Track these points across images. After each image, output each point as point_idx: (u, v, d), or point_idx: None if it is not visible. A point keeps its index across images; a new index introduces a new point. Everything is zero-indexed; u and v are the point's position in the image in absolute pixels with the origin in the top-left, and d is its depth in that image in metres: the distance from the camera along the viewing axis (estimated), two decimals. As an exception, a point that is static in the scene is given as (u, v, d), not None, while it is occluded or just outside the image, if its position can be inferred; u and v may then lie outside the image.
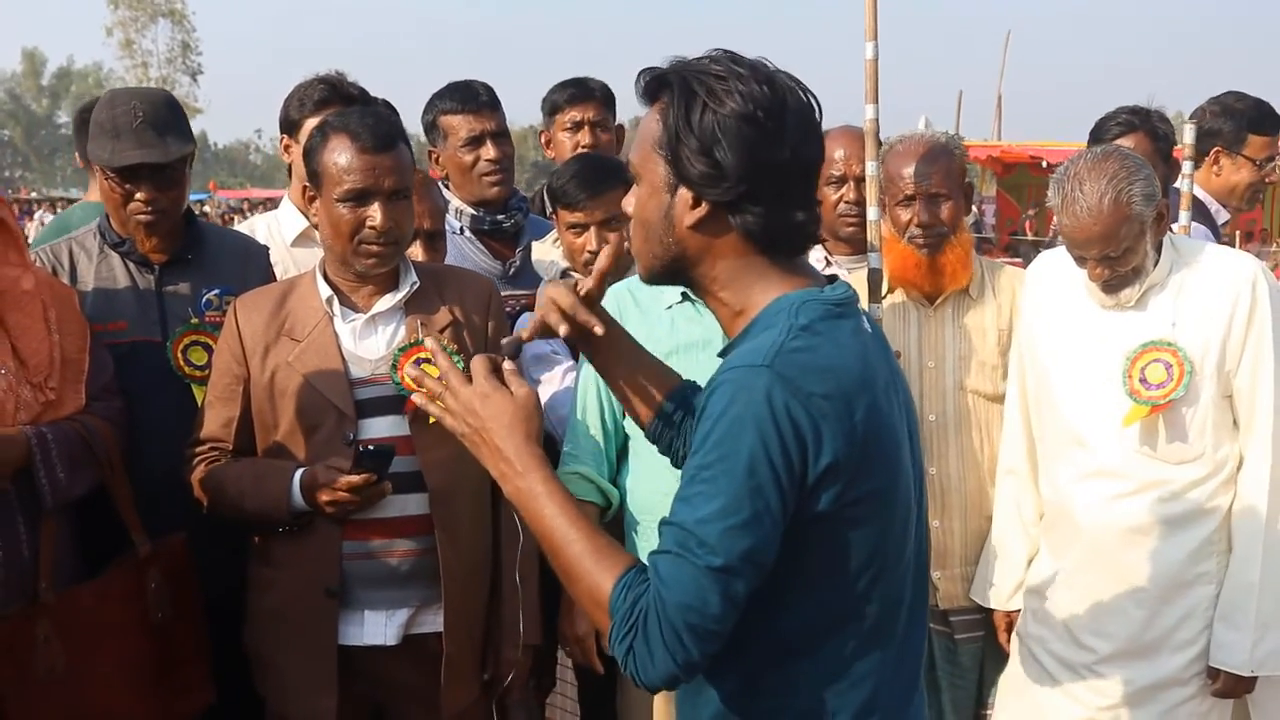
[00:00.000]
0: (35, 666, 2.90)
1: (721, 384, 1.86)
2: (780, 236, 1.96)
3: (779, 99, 1.90)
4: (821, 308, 1.92)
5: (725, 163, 1.88)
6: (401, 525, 3.03)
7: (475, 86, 4.19)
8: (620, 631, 1.84)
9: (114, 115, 3.32)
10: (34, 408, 3.03)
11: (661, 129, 1.94)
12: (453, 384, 2.09)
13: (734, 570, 1.79)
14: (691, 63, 1.95)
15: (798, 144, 1.91)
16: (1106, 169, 3.14)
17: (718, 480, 1.81)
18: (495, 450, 2.02)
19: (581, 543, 1.91)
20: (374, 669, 3.07)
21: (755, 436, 1.79)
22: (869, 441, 1.86)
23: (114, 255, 3.43)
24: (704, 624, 1.80)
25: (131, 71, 66.38)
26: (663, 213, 1.98)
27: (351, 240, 3.01)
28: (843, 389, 1.84)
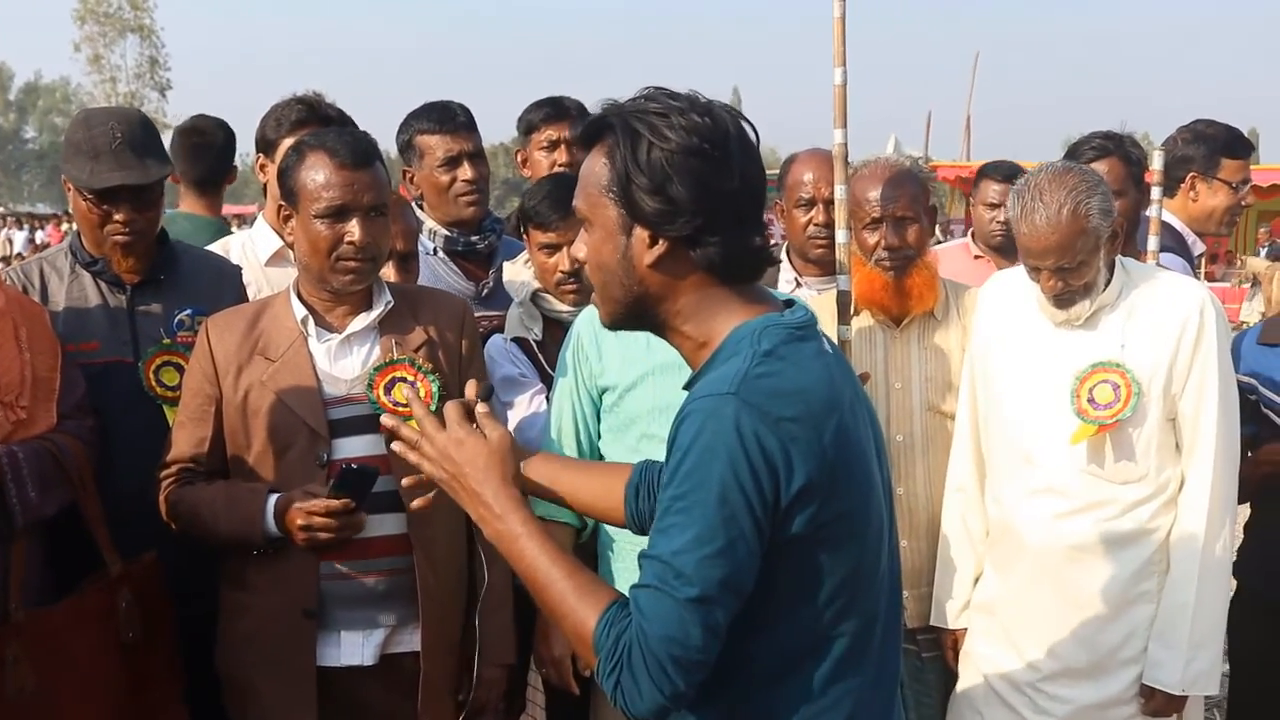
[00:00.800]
0: (5, 686, 2.88)
1: (690, 414, 1.87)
2: (740, 264, 1.98)
3: (721, 128, 1.92)
4: (783, 332, 1.93)
5: (678, 197, 1.89)
6: (379, 545, 3.03)
7: (453, 107, 4.19)
8: (606, 667, 1.85)
9: (91, 136, 3.31)
10: (4, 427, 3.02)
11: (609, 171, 1.95)
12: (428, 430, 2.13)
13: (712, 600, 1.81)
14: (628, 104, 1.97)
15: (744, 170, 1.93)
16: (1066, 181, 3.19)
17: (691, 510, 1.82)
18: (473, 494, 2.07)
19: (564, 581, 1.94)
20: (350, 689, 3.06)
21: (725, 465, 1.81)
22: (839, 462, 1.88)
23: (86, 275, 3.42)
24: (687, 655, 1.82)
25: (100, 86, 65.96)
26: (619, 255, 1.98)
27: (329, 256, 3.00)
28: (810, 411, 1.86)
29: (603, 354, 3.29)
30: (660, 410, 3.13)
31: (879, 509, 2.01)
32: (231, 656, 3.12)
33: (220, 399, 3.08)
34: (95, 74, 66.69)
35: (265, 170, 4.07)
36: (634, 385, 3.21)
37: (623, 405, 3.25)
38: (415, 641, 3.07)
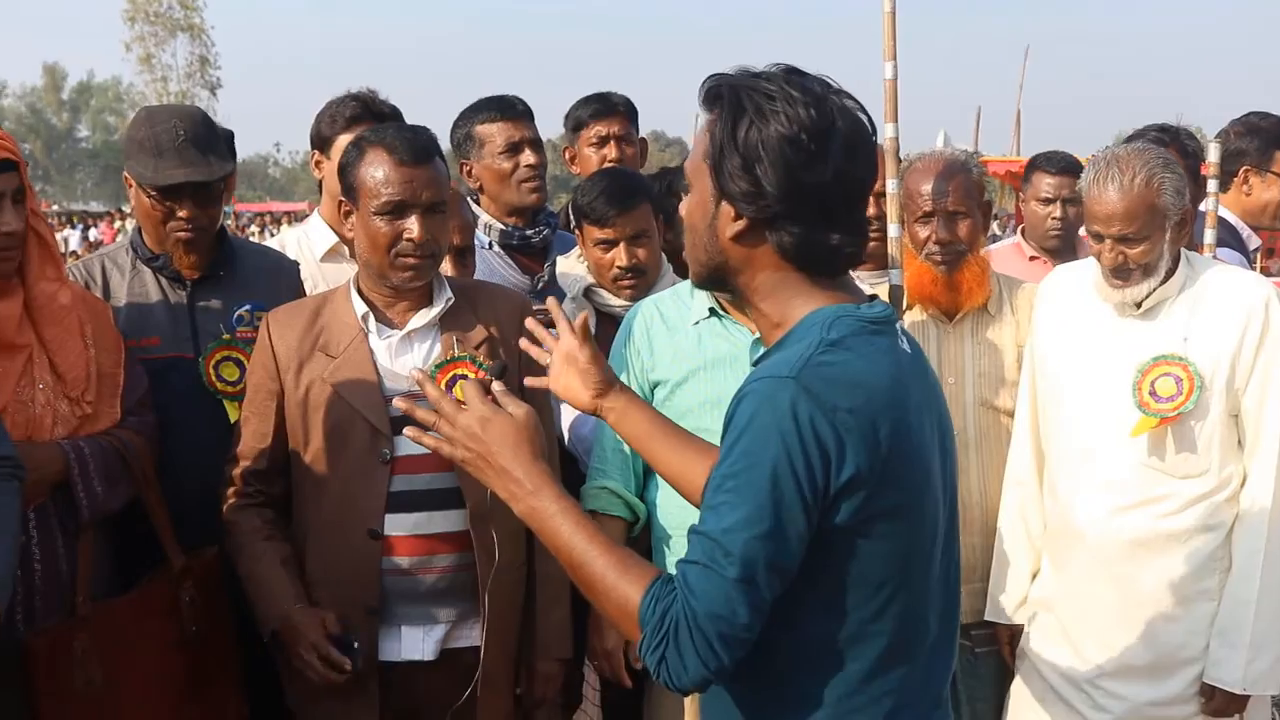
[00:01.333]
0: (73, 679, 2.91)
1: (748, 394, 1.89)
2: (816, 257, 1.98)
3: (825, 122, 1.92)
4: (855, 323, 1.94)
5: (764, 181, 1.91)
6: (440, 541, 3.04)
7: (511, 98, 4.24)
8: (652, 642, 1.86)
9: (155, 133, 3.34)
10: (71, 422, 3.07)
11: (710, 141, 1.97)
12: (447, 411, 2.13)
13: (759, 580, 1.83)
14: (746, 77, 1.97)
15: (841, 167, 1.93)
16: (1145, 156, 3.22)
17: (742, 490, 1.84)
18: (502, 471, 2.07)
19: (604, 557, 1.95)
20: (410, 684, 3.08)
21: (779, 447, 1.82)
22: (893, 458, 1.88)
23: (146, 271, 3.46)
24: (733, 632, 1.83)
25: (151, 86, 66.56)
26: (708, 222, 2.01)
27: (388, 253, 3.02)
28: (868, 404, 1.87)
29: (654, 348, 3.31)
30: (712, 404, 3.14)
31: (934, 509, 2.01)
32: None
33: (282, 394, 3.10)
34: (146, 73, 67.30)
35: (320, 167, 4.11)
36: (685, 379, 3.22)
37: (674, 399, 3.25)
38: (474, 636, 3.08)
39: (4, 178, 2.92)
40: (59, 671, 2.90)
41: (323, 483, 3.05)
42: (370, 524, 2.99)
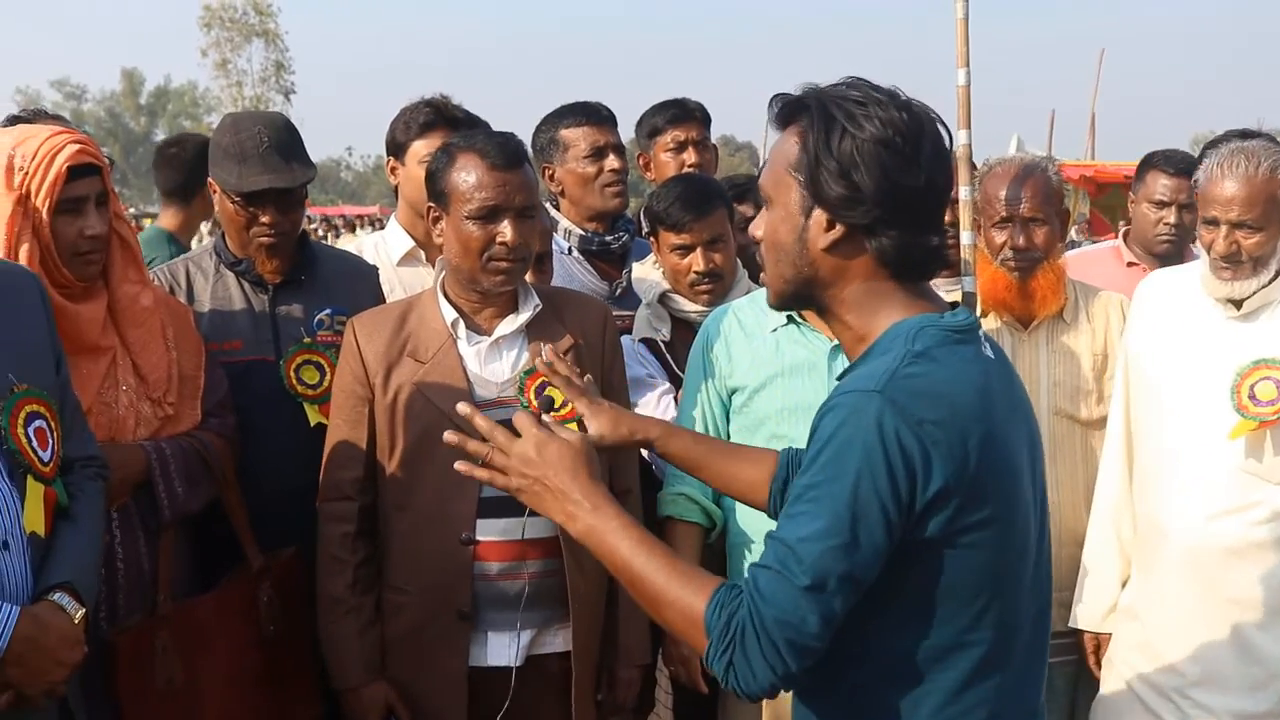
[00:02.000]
0: (155, 676, 2.95)
1: (834, 407, 1.89)
2: (913, 260, 1.98)
3: (916, 125, 1.93)
4: (940, 334, 1.93)
5: (863, 186, 1.91)
6: (530, 547, 3.05)
7: (595, 104, 4.28)
8: (719, 648, 1.87)
9: (239, 140, 3.38)
10: (153, 423, 3.11)
11: (799, 152, 1.97)
12: (500, 441, 2.15)
13: (831, 590, 1.82)
14: (828, 89, 1.99)
15: (932, 170, 1.94)
16: (1271, 150, 3.20)
17: (822, 501, 1.84)
18: (560, 494, 2.07)
19: (666, 570, 1.96)
20: (497, 690, 3.07)
21: (863, 460, 1.82)
22: (982, 470, 1.87)
23: (229, 275, 3.50)
24: (801, 640, 1.83)
25: (226, 91, 67.42)
26: (796, 235, 2.01)
27: (480, 257, 3.02)
28: (955, 416, 1.85)
29: (732, 355, 3.30)
30: (789, 411, 3.14)
31: (1025, 521, 1.99)
32: (387, 655, 3.14)
33: (372, 400, 3.11)
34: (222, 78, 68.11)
35: (396, 173, 4.13)
36: (763, 386, 3.22)
37: (752, 406, 3.25)
38: (560, 643, 3.09)
39: (88, 181, 2.97)
40: (141, 669, 2.93)
41: (412, 488, 3.06)
42: (462, 529, 3.00)
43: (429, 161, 3.20)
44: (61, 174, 2.91)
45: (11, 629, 2.33)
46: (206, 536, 3.28)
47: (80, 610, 2.48)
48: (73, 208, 2.95)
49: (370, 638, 3.10)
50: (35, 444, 2.49)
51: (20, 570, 2.44)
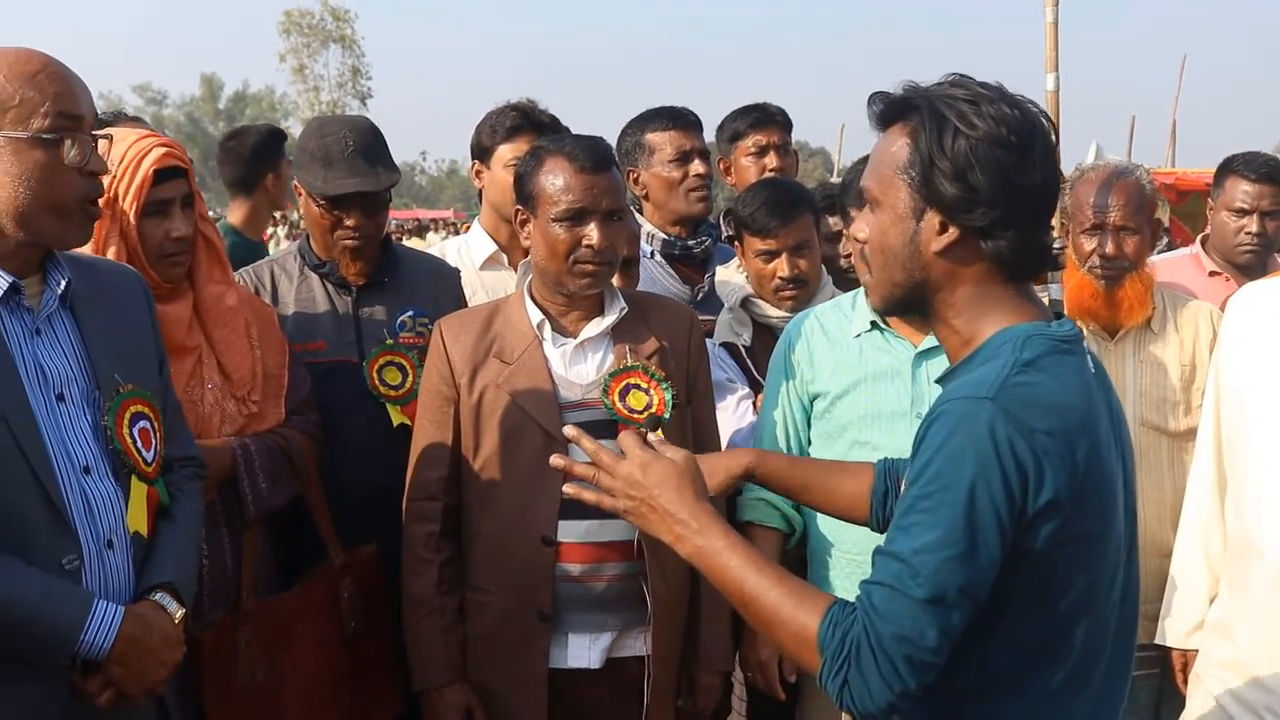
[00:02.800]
0: (237, 672, 2.99)
1: (942, 415, 1.86)
2: (1028, 260, 1.95)
3: (1028, 123, 1.90)
4: (1047, 343, 1.90)
5: (979, 186, 1.88)
6: (611, 549, 3.05)
7: (681, 108, 4.29)
8: (833, 667, 1.83)
9: (325, 144, 3.42)
10: (238, 420, 3.15)
11: (910, 153, 1.94)
12: (606, 462, 2.13)
13: (950, 603, 1.79)
14: (935, 88, 1.96)
15: (1045, 168, 1.91)
16: None
17: (936, 511, 1.80)
18: (666, 514, 2.05)
19: (777, 589, 1.92)
20: (575, 692, 3.09)
21: (976, 468, 1.79)
22: (1087, 482, 1.84)
23: (314, 277, 3.54)
24: (920, 655, 1.80)
25: (303, 95, 68.34)
26: (907, 239, 1.97)
27: (567, 260, 3.03)
28: (1066, 426, 1.83)
29: (815, 360, 3.28)
30: (872, 417, 3.11)
31: (1119, 534, 1.96)
32: (467, 655, 3.15)
33: (457, 400, 3.12)
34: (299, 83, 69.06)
35: (480, 177, 4.17)
36: (846, 392, 3.19)
37: (834, 412, 3.23)
38: (639, 646, 3.09)
39: (174, 184, 3.02)
40: (224, 665, 2.97)
41: (495, 488, 3.07)
42: (544, 530, 3.01)
43: (518, 164, 3.22)
44: (148, 177, 2.96)
45: (117, 628, 2.36)
46: (289, 533, 3.32)
47: (180, 610, 2.51)
48: (159, 210, 3.00)
49: (453, 638, 3.12)
50: (140, 444, 2.53)
51: (124, 569, 2.48)
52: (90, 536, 2.42)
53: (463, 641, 3.13)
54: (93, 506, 2.43)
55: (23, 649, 2.31)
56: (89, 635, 2.33)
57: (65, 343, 2.49)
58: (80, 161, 2.35)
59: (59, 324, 2.49)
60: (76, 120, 2.35)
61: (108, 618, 2.36)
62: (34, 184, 2.32)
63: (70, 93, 2.36)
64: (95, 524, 2.43)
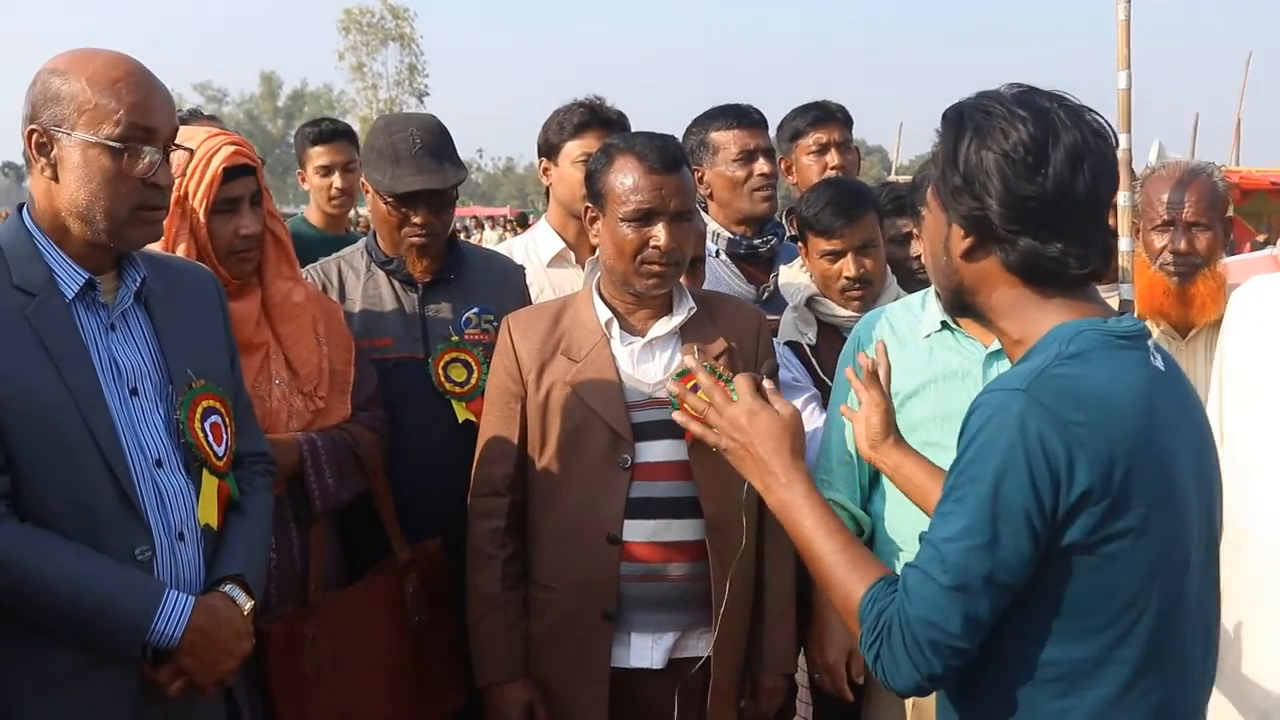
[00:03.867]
0: (304, 665, 3.01)
1: (979, 406, 1.89)
2: (1042, 270, 1.95)
3: (1044, 135, 1.90)
4: (1099, 338, 1.91)
5: (983, 198, 1.92)
6: (675, 549, 3.05)
7: (746, 106, 4.27)
8: (868, 640, 1.90)
9: (392, 142, 3.44)
10: (305, 416, 3.18)
11: (938, 163, 2.00)
12: (717, 401, 2.22)
13: (973, 591, 1.82)
14: (974, 98, 1.99)
15: (1063, 179, 1.90)
16: None
17: (965, 500, 1.84)
18: (761, 463, 2.14)
19: (838, 553, 2.00)
20: (637, 692, 3.10)
21: (1004, 459, 1.81)
22: (1131, 477, 1.83)
23: (381, 274, 3.56)
24: (945, 640, 1.84)
25: (361, 94, 68.71)
26: (942, 244, 2.04)
27: (634, 259, 3.03)
28: (1104, 419, 1.83)
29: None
30: (942, 418, 3.07)
31: (1183, 535, 1.93)
32: (530, 652, 3.16)
33: (525, 397, 3.13)
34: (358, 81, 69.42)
35: (548, 174, 4.18)
36: (915, 392, 3.15)
37: (903, 412, 3.12)
38: (702, 647, 3.07)
39: (242, 182, 3.05)
40: (291, 657, 3.00)
41: (561, 486, 3.08)
42: (610, 529, 3.01)
43: (588, 161, 3.22)
44: (218, 175, 2.99)
45: (187, 618, 2.40)
46: (354, 528, 3.33)
47: (249, 602, 2.55)
48: (229, 208, 3.03)
49: (516, 635, 3.13)
50: (211, 438, 2.57)
51: (195, 561, 2.52)
52: (162, 528, 2.46)
53: (526, 638, 3.14)
54: (164, 499, 2.48)
55: (96, 637, 2.35)
56: (160, 624, 2.37)
57: (139, 338, 2.54)
58: (146, 173, 2.39)
59: (134, 320, 2.54)
60: (148, 132, 2.39)
61: (178, 608, 2.40)
62: (95, 187, 2.37)
63: (146, 104, 2.39)
64: (167, 516, 2.47)
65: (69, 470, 2.34)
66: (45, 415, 2.32)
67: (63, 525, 2.33)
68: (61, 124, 2.36)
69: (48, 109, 2.37)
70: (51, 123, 2.37)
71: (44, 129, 2.38)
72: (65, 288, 2.41)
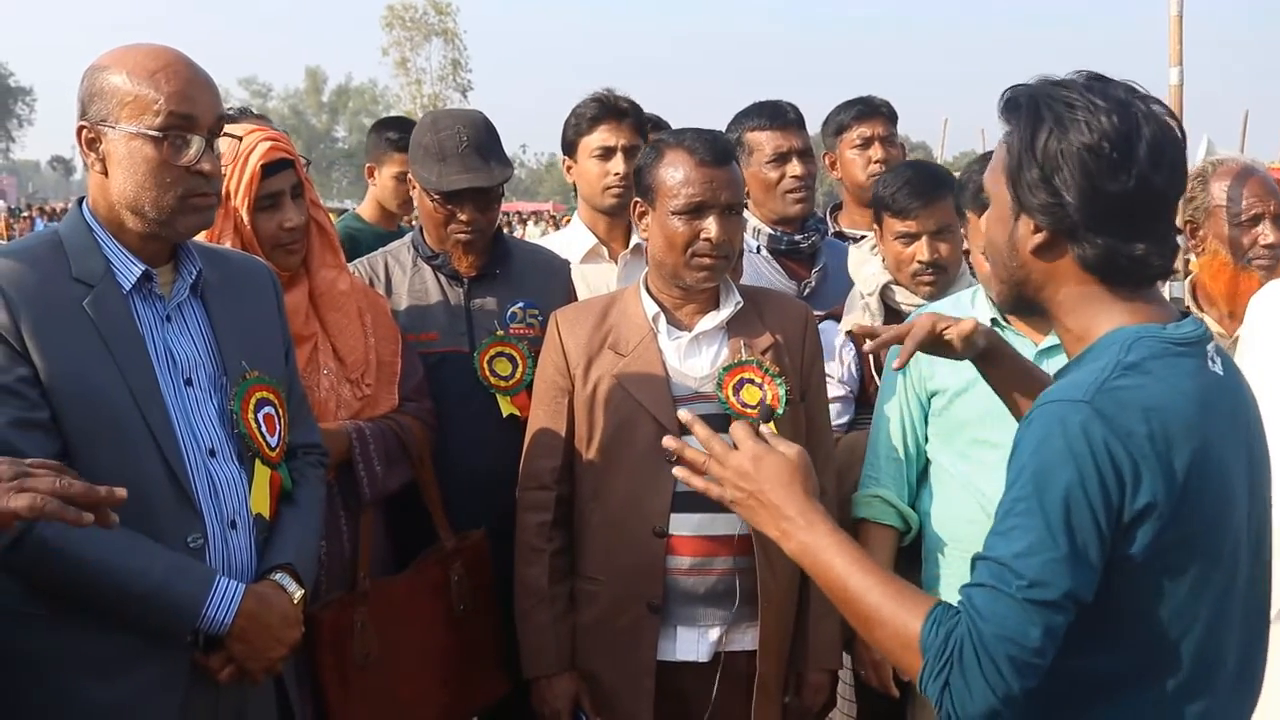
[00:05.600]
0: (353, 651, 3.05)
1: (1038, 417, 1.84)
2: (1120, 269, 1.91)
3: (1128, 129, 1.86)
4: (1158, 345, 1.87)
5: (1065, 191, 1.87)
6: (722, 544, 3.04)
7: (783, 105, 4.24)
8: (934, 668, 1.81)
9: (439, 139, 3.46)
10: (353, 405, 3.21)
11: (1008, 154, 1.95)
12: (717, 452, 2.11)
13: (1053, 604, 1.77)
14: (1046, 86, 1.94)
15: (1146, 175, 1.86)
16: None
17: (1034, 514, 1.78)
18: (775, 509, 2.04)
19: (880, 589, 1.90)
20: (682, 685, 3.10)
21: (1073, 471, 1.76)
22: (1190, 488, 1.80)
23: (426, 269, 3.58)
24: (1023, 655, 1.77)
25: (405, 89, 69.01)
26: (1007, 237, 1.98)
27: (685, 253, 3.03)
28: (1165, 430, 1.79)
29: (933, 357, 3.22)
30: (992, 415, 2.97)
31: (1234, 546, 1.90)
32: (576, 644, 3.18)
33: (572, 391, 3.15)
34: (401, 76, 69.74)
35: (571, 171, 4.21)
36: (965, 389, 3.13)
37: (953, 409, 3.19)
38: (748, 641, 3.08)
39: (282, 176, 3.09)
40: (341, 644, 3.04)
41: (608, 479, 3.10)
42: (656, 522, 3.02)
43: (640, 156, 3.23)
44: (256, 173, 3.04)
45: (238, 604, 2.44)
46: (400, 517, 3.37)
47: (300, 591, 2.58)
48: (271, 203, 3.08)
49: (563, 628, 3.15)
50: (264, 429, 2.61)
51: (246, 549, 2.56)
52: (214, 517, 2.50)
53: (572, 631, 3.16)
54: (217, 488, 2.51)
55: (147, 622, 2.39)
56: (210, 610, 2.41)
57: (195, 330, 2.58)
58: (190, 160, 2.42)
59: (189, 312, 2.58)
60: (189, 119, 2.42)
61: (229, 594, 2.44)
62: (140, 178, 2.41)
63: (185, 92, 2.42)
64: (220, 505, 2.51)
65: (124, 458, 2.37)
66: (101, 404, 2.36)
67: (117, 512, 2.37)
68: (107, 119, 2.40)
69: (94, 105, 2.42)
70: (98, 118, 2.41)
71: (91, 125, 2.43)
72: (123, 279, 2.46)
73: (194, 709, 2.48)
